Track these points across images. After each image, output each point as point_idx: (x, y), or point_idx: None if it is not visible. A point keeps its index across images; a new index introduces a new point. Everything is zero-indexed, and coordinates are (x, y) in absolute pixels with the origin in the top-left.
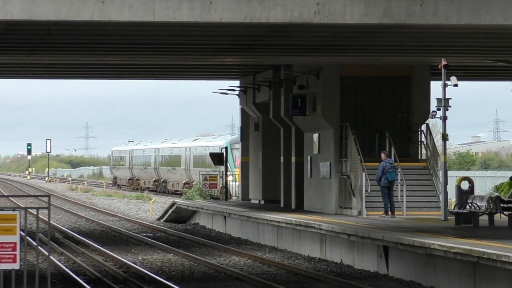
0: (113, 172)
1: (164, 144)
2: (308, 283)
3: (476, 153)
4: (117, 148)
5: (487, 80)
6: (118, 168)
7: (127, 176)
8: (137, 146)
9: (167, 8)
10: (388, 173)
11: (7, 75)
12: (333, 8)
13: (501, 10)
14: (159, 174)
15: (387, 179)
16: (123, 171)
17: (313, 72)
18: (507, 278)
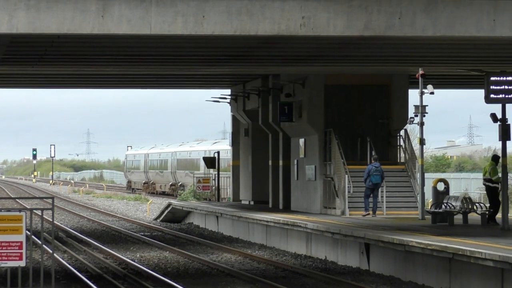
0: (128, 176)
1: (182, 147)
2: (295, 278)
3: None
4: (131, 152)
5: (462, 88)
6: (132, 172)
7: (142, 180)
8: (152, 150)
9: (162, 22)
10: (373, 175)
11: (13, 85)
12: (318, 21)
13: (474, 23)
14: (176, 178)
15: (371, 181)
16: (138, 175)
17: (299, 81)
18: (480, 273)
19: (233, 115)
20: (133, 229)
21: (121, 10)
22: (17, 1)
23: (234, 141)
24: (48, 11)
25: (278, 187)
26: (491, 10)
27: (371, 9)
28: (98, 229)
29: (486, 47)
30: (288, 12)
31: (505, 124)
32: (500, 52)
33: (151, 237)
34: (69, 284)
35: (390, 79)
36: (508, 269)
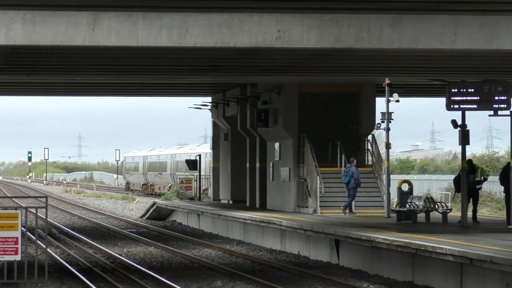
0: (126, 177)
1: (181, 149)
2: (270, 272)
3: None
4: (130, 154)
5: (425, 96)
6: (131, 174)
7: (141, 181)
8: (151, 152)
9: (148, 35)
10: (343, 176)
11: (11, 92)
12: (292, 34)
13: (437, 36)
14: (175, 180)
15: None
16: (136, 176)
17: (275, 89)
18: (441, 267)
19: (214, 121)
20: (120, 226)
21: (110, 23)
22: (14, 15)
23: (215, 145)
24: (42, 24)
25: (255, 187)
26: (452, 24)
27: (342, 23)
28: (88, 226)
29: (447, 59)
30: (265, 26)
31: (465, 130)
32: (461, 63)
33: (137, 234)
34: (61, 277)
35: (359, 88)
36: (467, 264)
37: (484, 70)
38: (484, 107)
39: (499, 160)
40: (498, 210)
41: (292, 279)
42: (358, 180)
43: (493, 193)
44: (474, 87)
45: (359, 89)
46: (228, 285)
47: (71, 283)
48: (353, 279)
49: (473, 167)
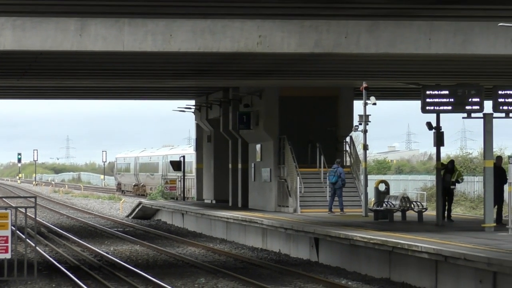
0: (117, 178)
1: (173, 150)
2: (252, 269)
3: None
4: (121, 155)
5: (401, 99)
6: (122, 175)
7: (132, 182)
8: (143, 153)
9: (134, 40)
10: (329, 176)
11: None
12: (273, 40)
13: (413, 42)
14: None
15: (328, 180)
16: (128, 177)
17: (256, 93)
18: (417, 264)
19: (197, 123)
20: (107, 225)
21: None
22: (4, 21)
23: (198, 146)
24: (32, 30)
25: (237, 187)
26: (428, 30)
27: (321, 29)
28: (76, 225)
29: (423, 63)
30: (246, 31)
31: (439, 132)
32: (435, 67)
33: (124, 232)
34: (50, 275)
35: (338, 91)
36: (442, 261)
37: (458, 74)
38: (458, 110)
39: (472, 161)
40: (472, 209)
41: (273, 276)
42: (344, 180)
43: (467, 192)
44: (448, 90)
45: (337, 93)
46: (212, 282)
47: (59, 280)
48: (332, 276)
49: (454, 168)
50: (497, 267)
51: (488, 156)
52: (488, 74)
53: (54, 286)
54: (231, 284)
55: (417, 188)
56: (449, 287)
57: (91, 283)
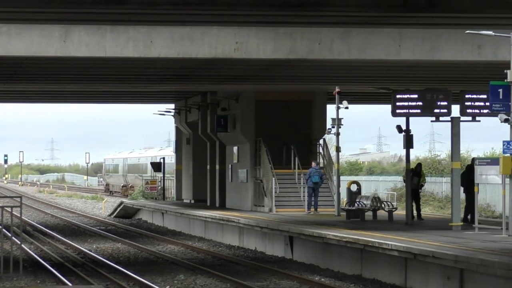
0: (106, 179)
1: (161, 152)
2: (229, 266)
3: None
4: (109, 156)
5: (372, 103)
6: (111, 176)
7: (120, 183)
8: (131, 154)
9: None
10: (313, 176)
11: None
12: (249, 46)
13: (383, 48)
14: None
15: (312, 181)
16: (116, 178)
17: (233, 97)
18: (387, 261)
19: (177, 126)
20: (90, 224)
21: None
22: None
23: (177, 148)
24: (17, 36)
25: (215, 188)
26: (397, 37)
27: (295, 35)
28: (60, 223)
29: (393, 69)
30: (223, 38)
31: (409, 135)
32: (405, 73)
33: (106, 231)
34: (35, 271)
35: (311, 96)
36: (411, 258)
37: (427, 79)
38: (426, 114)
39: (440, 162)
40: (440, 209)
41: (249, 273)
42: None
43: (435, 193)
44: (417, 95)
45: (311, 97)
46: (190, 279)
47: (44, 277)
48: (306, 272)
49: (421, 171)
50: (464, 264)
51: (455, 158)
52: (455, 79)
53: (39, 282)
54: (209, 280)
55: (387, 188)
56: (418, 283)
57: (74, 279)
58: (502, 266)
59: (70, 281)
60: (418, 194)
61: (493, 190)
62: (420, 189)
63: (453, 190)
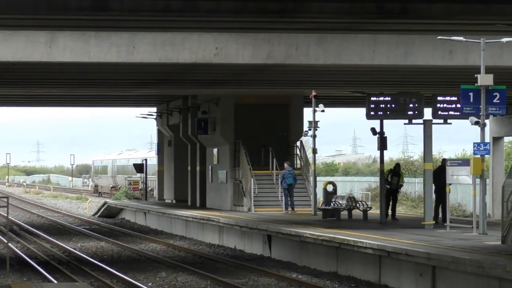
0: (94, 180)
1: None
2: (209, 264)
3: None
4: (98, 157)
5: (347, 107)
6: (99, 177)
7: (109, 184)
8: (120, 155)
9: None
10: (287, 178)
11: None
12: (228, 51)
13: (358, 54)
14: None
15: (286, 182)
16: (105, 179)
17: (213, 100)
18: (362, 258)
19: (159, 129)
20: (75, 223)
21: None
22: None
23: (159, 150)
24: (4, 42)
25: (195, 188)
26: (372, 42)
27: (273, 41)
28: (46, 223)
29: (367, 73)
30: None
31: (383, 137)
32: (379, 77)
33: (90, 230)
34: (22, 269)
35: (289, 99)
36: (385, 256)
37: (400, 83)
38: (399, 116)
39: (413, 163)
40: (413, 208)
41: (229, 270)
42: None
43: (408, 193)
44: (391, 98)
45: (288, 101)
46: (172, 276)
47: (30, 274)
48: (283, 270)
49: (400, 171)
50: (436, 261)
51: (427, 159)
52: (427, 83)
53: (26, 279)
54: (190, 277)
55: (362, 188)
56: (392, 280)
57: (60, 277)
58: (473, 263)
59: (56, 279)
60: (396, 194)
61: (464, 190)
62: (399, 189)
63: (425, 190)
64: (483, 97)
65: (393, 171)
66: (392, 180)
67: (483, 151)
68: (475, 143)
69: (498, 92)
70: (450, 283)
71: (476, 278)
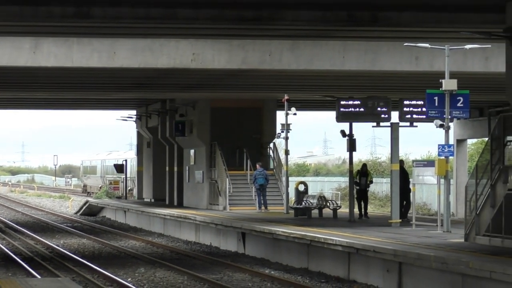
0: (83, 180)
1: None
2: (186, 260)
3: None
4: (87, 158)
5: (318, 110)
6: (88, 177)
7: (98, 184)
8: (109, 156)
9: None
10: (258, 178)
11: None
12: (205, 57)
13: (328, 59)
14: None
15: (257, 183)
16: (94, 179)
17: (190, 104)
18: (331, 255)
19: (138, 131)
20: (58, 221)
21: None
22: None
23: (139, 151)
24: None
25: (173, 187)
26: (342, 49)
27: (248, 47)
28: (30, 221)
29: (337, 78)
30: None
31: (352, 139)
32: (349, 82)
33: (73, 227)
34: (7, 265)
35: (262, 103)
36: (354, 253)
37: (368, 88)
38: (368, 120)
39: (381, 164)
40: (380, 207)
41: (205, 266)
42: (268, 180)
43: (376, 192)
44: (360, 102)
45: (262, 104)
46: (150, 271)
47: (15, 270)
48: (257, 266)
49: (367, 171)
50: (402, 258)
51: (394, 160)
52: (395, 88)
53: (10, 274)
54: (167, 273)
55: (332, 188)
56: (360, 275)
57: (43, 272)
58: (437, 259)
59: (39, 274)
60: (366, 193)
61: (429, 190)
62: (368, 187)
63: (392, 190)
64: (448, 101)
65: (361, 172)
66: (361, 180)
67: (447, 152)
68: (440, 145)
69: (462, 97)
70: (415, 279)
71: (440, 274)
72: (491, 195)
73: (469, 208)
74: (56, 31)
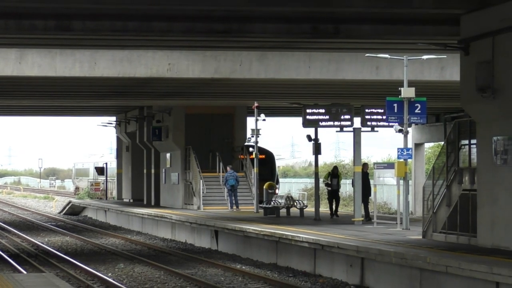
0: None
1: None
2: (163, 256)
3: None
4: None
5: (286, 116)
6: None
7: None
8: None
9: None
10: (229, 180)
11: None
12: (180, 67)
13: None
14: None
15: (228, 184)
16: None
17: (166, 111)
18: (298, 251)
19: (118, 136)
20: (43, 220)
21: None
22: None
23: (118, 155)
24: None
25: (150, 189)
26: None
27: (220, 58)
28: (17, 220)
29: (303, 86)
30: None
31: (317, 143)
32: (314, 90)
33: (56, 226)
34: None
35: (234, 110)
36: (319, 249)
37: (332, 95)
38: (332, 125)
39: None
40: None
41: (180, 262)
42: (239, 182)
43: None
44: (325, 109)
45: (233, 111)
46: (129, 267)
47: (2, 266)
48: (229, 261)
49: (338, 172)
50: (364, 253)
51: (357, 163)
52: (357, 95)
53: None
54: (145, 268)
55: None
56: (325, 270)
57: (28, 268)
58: (397, 255)
59: (25, 270)
60: (338, 194)
61: (389, 190)
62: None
63: (355, 190)
64: (406, 108)
65: (332, 174)
66: (332, 181)
67: (406, 155)
68: (399, 149)
69: (419, 103)
70: (377, 273)
71: (400, 268)
72: (447, 195)
73: (426, 207)
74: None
